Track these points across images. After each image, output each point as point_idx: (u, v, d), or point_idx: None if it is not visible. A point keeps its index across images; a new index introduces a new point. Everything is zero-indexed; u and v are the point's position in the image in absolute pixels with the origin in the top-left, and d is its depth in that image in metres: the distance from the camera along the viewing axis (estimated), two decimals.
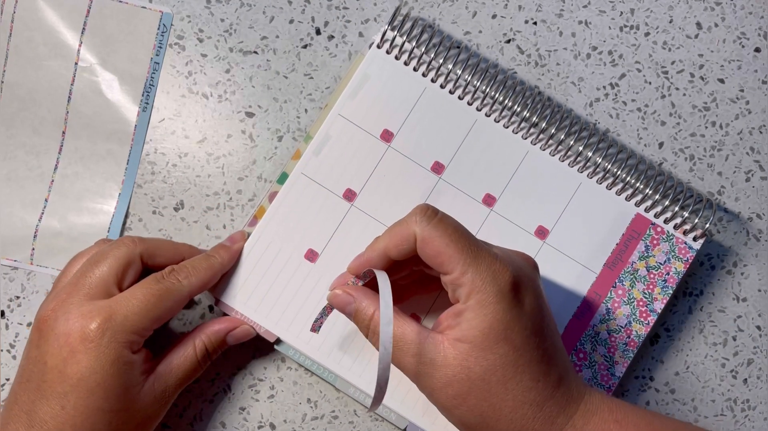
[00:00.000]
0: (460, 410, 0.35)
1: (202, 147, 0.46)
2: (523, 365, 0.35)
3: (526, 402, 0.35)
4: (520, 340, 0.35)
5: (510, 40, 0.47)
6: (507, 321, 0.34)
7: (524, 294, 0.35)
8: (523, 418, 0.35)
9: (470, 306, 0.34)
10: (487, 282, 0.34)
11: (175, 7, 0.47)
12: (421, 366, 0.35)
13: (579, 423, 0.36)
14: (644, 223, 0.44)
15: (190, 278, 0.39)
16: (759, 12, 0.47)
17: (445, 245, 0.35)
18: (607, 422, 0.36)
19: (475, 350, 0.34)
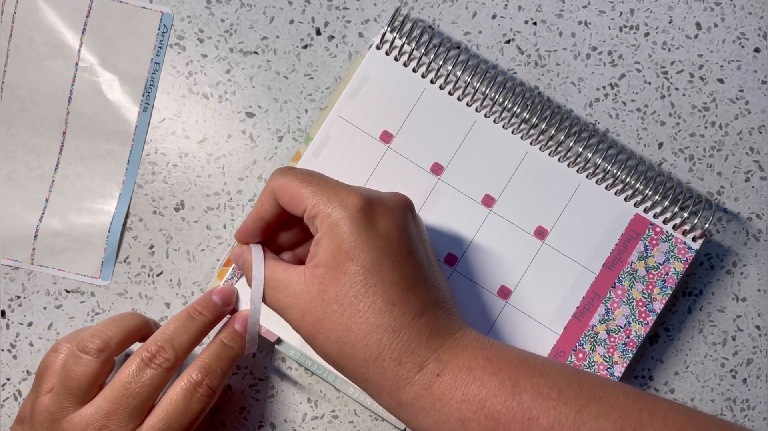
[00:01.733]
0: (320, 338, 0.36)
1: (203, 147, 0.46)
2: (374, 286, 0.35)
3: (381, 325, 0.35)
4: (370, 261, 0.35)
5: (510, 41, 0.47)
6: (354, 241, 0.35)
7: (377, 217, 0.36)
8: (379, 343, 0.35)
9: (323, 232, 0.36)
10: (335, 207, 0.36)
11: (175, 7, 0.47)
12: (286, 299, 0.37)
13: (445, 357, 0.35)
14: (643, 224, 0.44)
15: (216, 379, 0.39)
16: (759, 12, 0.47)
17: (296, 187, 0.37)
18: (477, 359, 0.35)
19: (329, 272, 0.35)
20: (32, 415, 0.38)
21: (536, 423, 0.33)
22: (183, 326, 0.39)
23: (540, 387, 0.34)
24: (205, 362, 0.39)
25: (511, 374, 0.34)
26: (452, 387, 0.34)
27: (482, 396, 0.34)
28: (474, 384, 0.34)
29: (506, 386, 0.34)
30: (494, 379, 0.34)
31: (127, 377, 0.37)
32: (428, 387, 0.35)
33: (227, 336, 0.41)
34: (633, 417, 0.33)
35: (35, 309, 0.46)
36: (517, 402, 0.33)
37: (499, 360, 0.35)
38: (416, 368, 0.35)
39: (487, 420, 0.34)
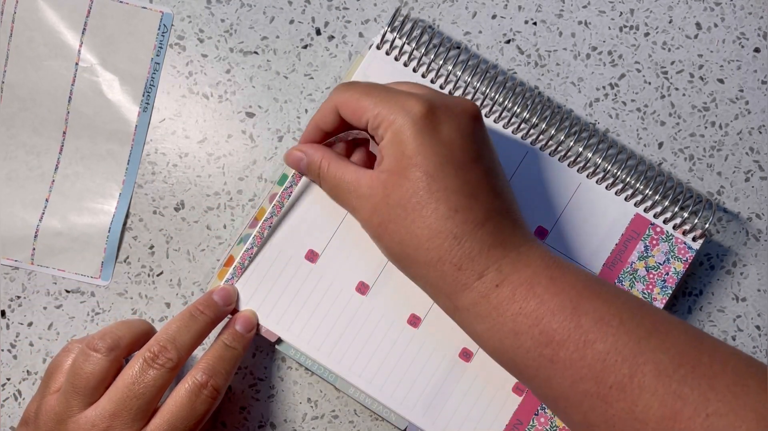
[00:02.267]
0: (384, 239, 0.37)
1: (203, 147, 0.46)
2: (438, 192, 0.35)
3: (443, 231, 0.35)
4: (433, 166, 0.35)
5: (510, 41, 0.47)
6: (418, 146, 0.35)
7: (440, 124, 0.36)
8: (440, 249, 0.35)
9: (387, 140, 0.36)
10: (398, 114, 0.36)
11: (175, 7, 0.47)
12: (355, 200, 0.38)
13: (506, 269, 0.35)
14: (643, 223, 0.44)
15: (221, 380, 0.39)
16: (759, 12, 0.47)
17: (357, 100, 0.37)
18: (539, 276, 0.35)
19: (393, 177, 0.36)
20: (37, 416, 0.38)
21: (592, 346, 0.33)
22: (185, 325, 0.39)
23: (601, 313, 0.33)
24: (209, 363, 0.39)
25: (574, 296, 0.34)
26: (510, 299, 0.34)
27: (540, 312, 0.34)
28: (533, 300, 0.34)
29: (566, 307, 0.34)
30: (555, 299, 0.34)
31: (131, 378, 0.37)
32: (486, 296, 0.35)
33: (229, 337, 0.41)
34: (692, 356, 0.32)
35: (35, 309, 0.46)
36: (575, 324, 0.33)
37: (563, 281, 0.35)
38: (476, 275, 0.35)
39: (541, 335, 0.34)
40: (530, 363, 0.35)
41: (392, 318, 0.43)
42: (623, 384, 0.32)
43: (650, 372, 0.32)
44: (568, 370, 0.33)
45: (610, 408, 0.33)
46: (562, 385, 0.34)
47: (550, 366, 0.34)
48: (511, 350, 0.35)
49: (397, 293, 0.43)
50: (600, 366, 0.33)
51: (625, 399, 0.32)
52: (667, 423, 0.31)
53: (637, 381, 0.32)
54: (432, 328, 0.43)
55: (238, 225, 0.46)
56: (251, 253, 0.43)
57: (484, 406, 0.43)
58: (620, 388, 0.32)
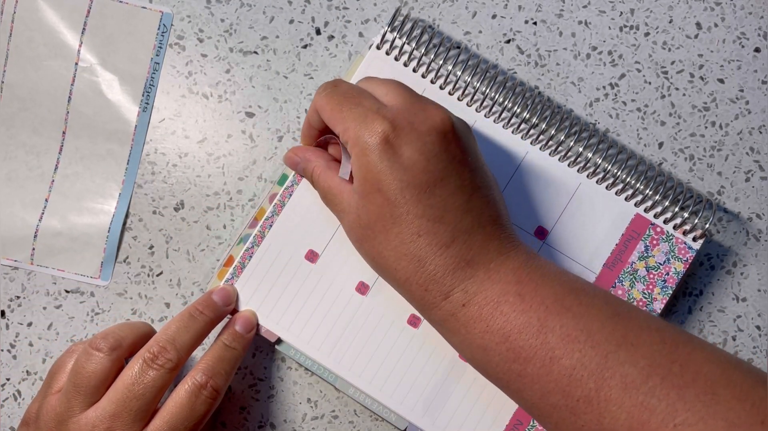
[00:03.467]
0: (361, 253, 0.38)
1: (203, 147, 0.46)
2: (399, 217, 0.35)
3: (407, 254, 0.35)
4: (394, 192, 0.35)
5: (510, 41, 0.47)
6: (378, 172, 0.35)
7: (402, 146, 0.35)
8: (405, 270, 0.36)
9: (353, 159, 0.36)
10: (361, 134, 0.36)
11: (175, 7, 0.47)
12: (338, 212, 0.39)
13: (472, 289, 0.35)
14: (644, 223, 0.44)
15: (221, 380, 0.39)
16: (759, 12, 0.47)
17: (331, 109, 0.37)
18: (507, 294, 0.35)
19: (361, 199, 0.36)
20: (38, 416, 0.38)
21: (558, 362, 0.33)
22: (184, 326, 0.39)
23: (568, 329, 0.33)
24: (209, 364, 0.39)
25: (541, 314, 0.34)
26: (477, 319, 0.35)
27: (506, 330, 0.34)
28: (500, 318, 0.34)
29: (533, 325, 0.34)
30: (521, 317, 0.34)
31: (131, 379, 0.37)
32: (453, 314, 0.35)
33: (228, 337, 0.41)
34: (663, 366, 0.32)
35: (35, 309, 0.46)
36: (541, 341, 0.33)
37: (531, 297, 0.35)
38: (441, 296, 0.35)
39: (508, 352, 0.34)
40: (501, 376, 0.35)
41: (392, 318, 0.43)
42: (590, 397, 0.32)
43: (616, 385, 0.32)
44: (536, 384, 0.34)
45: (579, 419, 0.33)
46: (532, 398, 0.35)
47: (519, 380, 0.35)
48: (483, 363, 0.36)
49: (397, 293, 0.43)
50: (566, 381, 0.33)
51: (592, 412, 0.32)
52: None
53: (603, 394, 0.32)
54: (432, 328, 0.43)
55: (238, 225, 0.46)
56: (251, 253, 0.43)
57: (484, 406, 0.43)
58: (587, 401, 0.33)
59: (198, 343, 0.40)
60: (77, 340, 0.46)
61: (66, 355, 0.40)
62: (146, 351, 0.38)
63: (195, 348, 0.40)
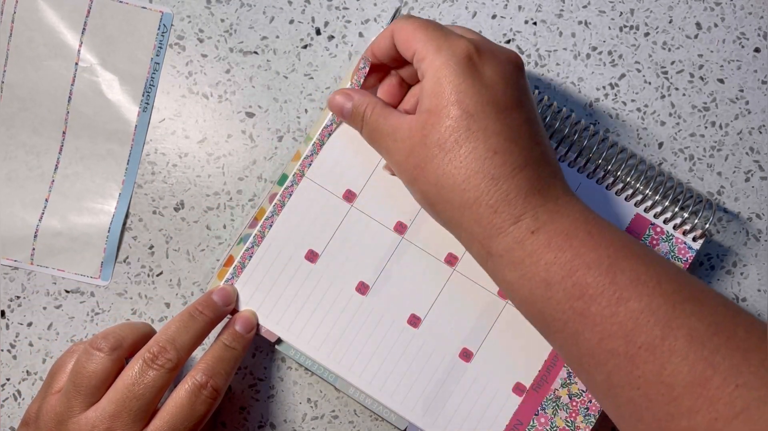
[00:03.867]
0: (419, 181, 0.36)
1: (203, 147, 0.46)
2: (477, 132, 0.35)
3: (480, 171, 0.34)
4: (474, 106, 0.35)
5: (510, 41, 0.47)
6: (459, 84, 0.35)
7: (484, 66, 0.36)
8: (476, 189, 0.35)
9: (429, 76, 0.36)
10: (442, 52, 0.35)
11: (175, 7, 0.47)
12: (393, 143, 0.38)
13: (543, 217, 0.35)
14: (644, 224, 0.44)
15: (221, 380, 0.39)
16: (759, 12, 0.47)
17: (412, 30, 0.37)
18: (578, 229, 0.34)
19: (432, 116, 0.35)
20: (38, 416, 0.38)
21: (626, 304, 0.32)
22: (184, 326, 0.39)
23: (638, 272, 0.33)
24: (209, 364, 0.39)
25: (611, 253, 0.33)
26: (545, 247, 0.34)
27: (575, 264, 0.33)
28: (569, 251, 0.34)
29: (603, 262, 0.33)
30: (591, 253, 0.33)
31: (131, 379, 0.37)
32: (521, 241, 0.34)
33: (228, 337, 0.41)
34: (728, 327, 0.32)
35: (35, 309, 0.46)
36: (610, 280, 0.33)
37: (601, 237, 0.34)
38: (512, 219, 0.34)
39: (573, 287, 0.33)
40: (559, 315, 0.34)
41: (392, 318, 0.43)
42: (654, 345, 0.31)
43: (683, 336, 0.31)
44: (597, 326, 0.33)
45: (636, 369, 0.32)
46: (590, 341, 0.33)
47: (579, 320, 0.33)
48: (542, 301, 0.35)
49: (397, 293, 0.43)
50: (631, 325, 0.32)
51: (653, 361, 0.31)
52: (695, 389, 0.31)
53: (668, 344, 0.31)
54: (432, 328, 0.43)
55: (238, 225, 0.46)
56: (251, 253, 0.43)
57: (484, 406, 0.43)
58: (650, 349, 0.32)
59: (198, 343, 0.40)
60: (77, 340, 0.46)
61: (66, 355, 0.40)
62: (146, 351, 0.38)
63: (195, 348, 0.40)
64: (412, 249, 0.44)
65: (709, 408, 0.30)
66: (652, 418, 0.32)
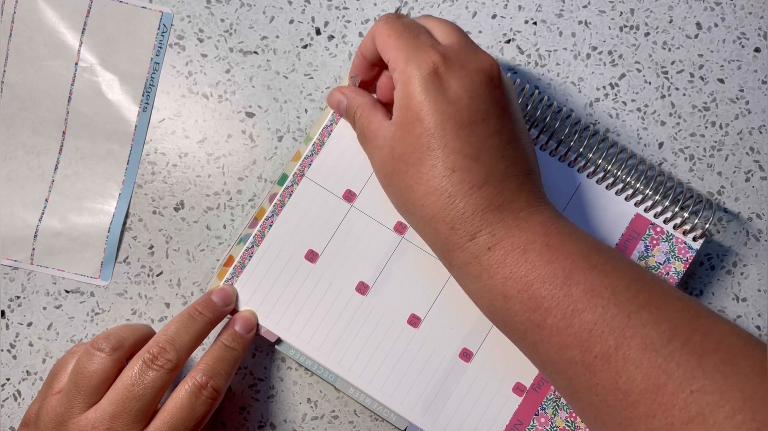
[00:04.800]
0: (388, 190, 0.38)
1: (203, 147, 0.46)
2: (437, 150, 0.35)
3: (437, 189, 0.35)
4: (434, 124, 0.35)
5: (510, 40, 0.47)
6: (421, 101, 0.35)
7: (450, 80, 0.35)
8: (434, 206, 0.35)
9: (398, 89, 0.36)
10: (410, 63, 0.36)
11: (175, 7, 0.47)
12: (372, 150, 0.39)
13: (500, 233, 0.35)
14: (644, 223, 0.44)
15: (221, 381, 0.39)
16: (759, 12, 0.47)
17: (387, 36, 0.37)
18: (534, 243, 0.34)
19: (399, 130, 0.36)
20: (38, 417, 0.38)
21: (580, 315, 0.33)
22: (184, 326, 0.39)
23: (593, 284, 0.33)
24: (209, 364, 0.39)
25: (567, 265, 0.34)
26: (501, 263, 0.34)
27: (529, 279, 0.34)
28: (524, 266, 0.34)
29: (558, 276, 0.34)
30: (547, 267, 0.34)
31: (130, 379, 0.37)
32: (477, 257, 0.35)
33: (228, 338, 0.41)
34: (684, 332, 0.32)
35: (35, 309, 0.46)
36: (564, 293, 0.33)
37: (558, 249, 0.34)
38: (468, 236, 0.35)
39: (530, 301, 0.34)
40: (519, 326, 0.35)
41: (392, 318, 0.43)
42: (608, 354, 0.32)
43: (636, 345, 0.32)
44: (554, 337, 0.34)
45: (594, 376, 0.33)
46: (548, 351, 0.34)
47: (537, 331, 0.34)
48: (501, 311, 0.35)
49: (397, 293, 0.43)
50: (586, 336, 0.33)
51: (609, 370, 0.32)
52: (649, 396, 0.31)
53: (622, 353, 0.32)
54: (432, 328, 0.43)
55: (238, 226, 0.46)
56: (251, 253, 0.43)
57: (484, 406, 0.43)
58: (605, 358, 0.32)
59: (197, 344, 0.40)
60: (77, 340, 0.46)
61: (67, 356, 0.40)
62: (146, 351, 0.38)
63: (195, 349, 0.40)
64: (412, 249, 0.44)
65: (665, 413, 0.31)
66: (613, 422, 0.33)
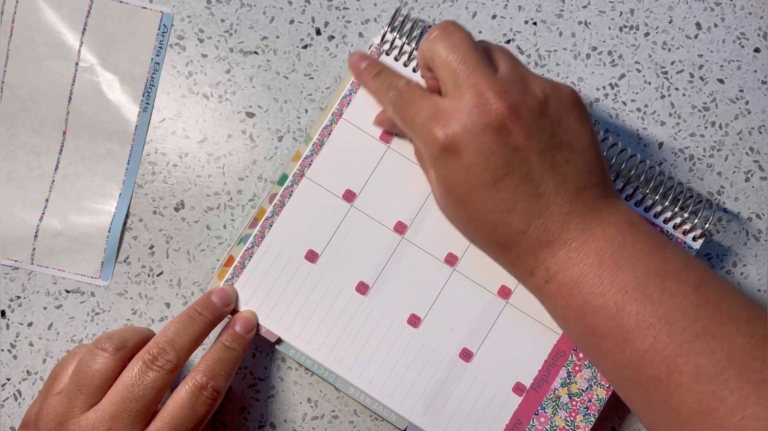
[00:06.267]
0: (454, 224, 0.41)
1: (203, 147, 0.46)
2: (474, 214, 0.38)
3: (490, 243, 0.38)
4: (461, 193, 0.37)
5: (510, 41, 0.47)
6: (445, 176, 0.37)
7: (460, 150, 0.36)
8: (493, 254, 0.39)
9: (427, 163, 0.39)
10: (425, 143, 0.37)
11: (175, 7, 0.47)
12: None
13: (554, 268, 0.37)
14: None
15: (221, 381, 0.39)
16: (759, 12, 0.47)
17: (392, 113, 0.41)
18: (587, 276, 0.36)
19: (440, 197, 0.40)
20: (38, 418, 0.38)
21: (631, 344, 0.34)
22: (183, 327, 0.39)
23: (645, 315, 0.34)
24: (209, 365, 0.39)
25: (619, 299, 0.35)
26: (557, 295, 0.37)
27: (584, 310, 0.36)
28: (578, 298, 0.36)
29: (609, 308, 0.35)
30: (599, 300, 0.35)
31: (130, 380, 0.37)
32: (538, 288, 0.38)
33: (228, 338, 0.41)
34: (742, 361, 0.32)
35: (35, 309, 0.46)
36: (616, 323, 0.35)
37: (611, 281, 0.35)
38: (527, 273, 0.38)
39: (585, 328, 0.36)
40: (580, 344, 0.38)
41: (392, 318, 0.43)
42: (660, 379, 0.34)
43: (689, 373, 0.33)
44: (609, 357, 0.36)
45: (648, 394, 0.34)
46: (605, 368, 0.37)
47: (594, 351, 0.37)
48: (565, 330, 0.39)
49: (397, 293, 0.43)
50: (638, 362, 0.34)
51: (661, 391, 0.34)
52: (701, 418, 0.32)
53: (674, 379, 0.33)
54: (432, 328, 0.43)
55: (238, 226, 0.46)
56: (251, 253, 0.43)
57: (484, 406, 0.43)
58: (657, 382, 0.34)
59: (197, 344, 0.40)
60: (78, 340, 0.46)
61: (69, 357, 0.40)
62: (146, 352, 0.38)
63: (194, 350, 0.40)
64: (412, 249, 0.44)
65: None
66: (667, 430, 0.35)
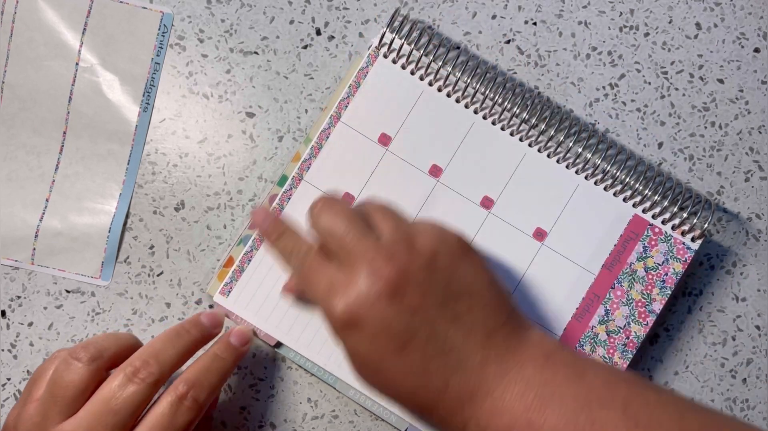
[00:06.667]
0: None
1: (203, 147, 0.46)
2: (389, 383, 0.36)
3: (415, 408, 0.37)
4: (372, 368, 0.36)
5: (510, 41, 0.47)
6: (352, 349, 0.36)
7: (361, 322, 0.35)
8: (420, 416, 0.37)
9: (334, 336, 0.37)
10: (327, 320, 0.36)
11: (175, 7, 0.47)
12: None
13: (483, 421, 0.35)
14: (642, 224, 0.44)
15: (202, 392, 0.38)
16: (759, 12, 0.47)
17: (300, 281, 0.39)
18: (517, 421, 0.34)
19: (355, 371, 0.37)
20: (16, 425, 0.37)
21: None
22: (170, 341, 0.38)
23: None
24: (193, 374, 0.38)
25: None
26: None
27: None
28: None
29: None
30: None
31: (109, 392, 0.36)
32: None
33: (220, 347, 0.40)
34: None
35: (35, 309, 0.46)
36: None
37: (540, 426, 0.34)
38: (460, 427, 0.36)
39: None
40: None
41: None
42: None
43: None
44: None
45: None
46: None
47: None
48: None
49: None
50: None
51: None
52: None
53: None
54: None
55: (238, 226, 0.46)
56: (250, 257, 0.43)
57: None
58: None
59: (183, 361, 0.39)
60: (78, 340, 0.46)
61: (48, 362, 0.39)
62: (128, 365, 0.37)
63: (179, 366, 0.39)
64: None
65: None
66: None
